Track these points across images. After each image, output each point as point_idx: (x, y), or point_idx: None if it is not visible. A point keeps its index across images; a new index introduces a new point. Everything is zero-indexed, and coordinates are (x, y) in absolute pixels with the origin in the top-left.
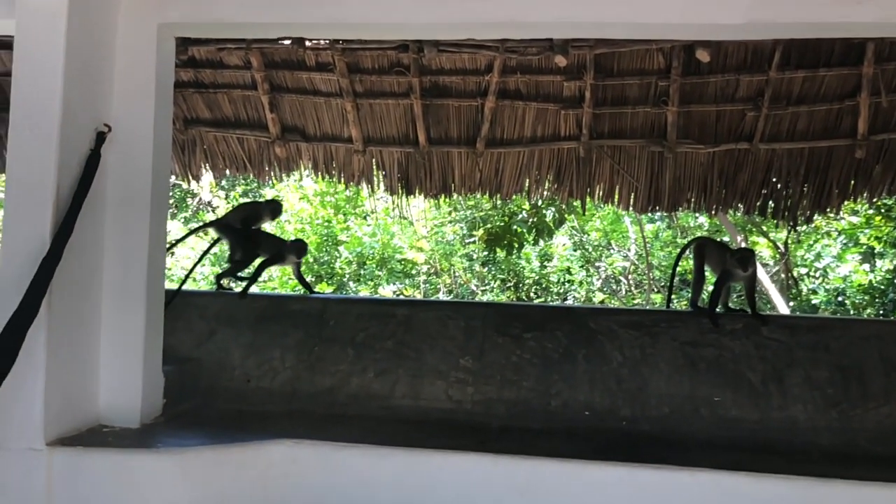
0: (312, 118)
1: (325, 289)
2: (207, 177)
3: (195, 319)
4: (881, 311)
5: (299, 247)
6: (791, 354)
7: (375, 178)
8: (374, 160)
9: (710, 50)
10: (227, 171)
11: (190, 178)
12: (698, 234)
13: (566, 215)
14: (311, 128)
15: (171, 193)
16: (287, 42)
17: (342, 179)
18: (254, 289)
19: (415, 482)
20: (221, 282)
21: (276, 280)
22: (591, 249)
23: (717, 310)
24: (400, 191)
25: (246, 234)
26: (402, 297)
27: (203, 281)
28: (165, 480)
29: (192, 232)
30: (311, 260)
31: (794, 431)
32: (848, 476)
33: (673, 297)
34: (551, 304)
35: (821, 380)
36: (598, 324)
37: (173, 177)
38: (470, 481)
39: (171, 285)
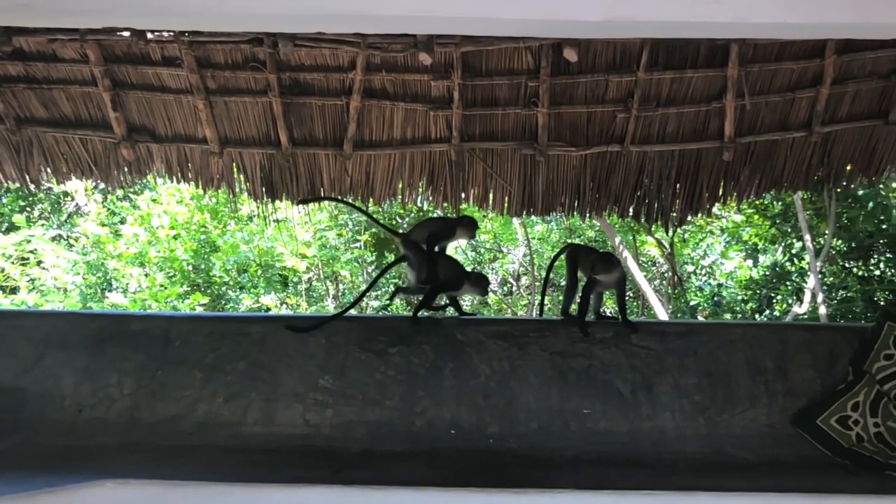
0: (162, 117)
1: (199, 299)
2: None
3: (20, 343)
4: (759, 306)
5: (483, 284)
6: (660, 362)
7: (237, 182)
8: (233, 163)
9: (577, 49)
10: (72, 176)
11: (28, 182)
12: (589, 234)
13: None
14: (161, 128)
15: (43, 197)
16: (126, 34)
17: (199, 184)
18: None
19: None
20: (419, 315)
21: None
22: (482, 251)
23: (589, 318)
24: (264, 195)
25: (430, 254)
26: (258, 313)
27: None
28: None
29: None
30: (188, 269)
31: (663, 442)
32: (710, 486)
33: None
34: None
35: (689, 386)
36: (466, 335)
37: (11, 182)
38: None
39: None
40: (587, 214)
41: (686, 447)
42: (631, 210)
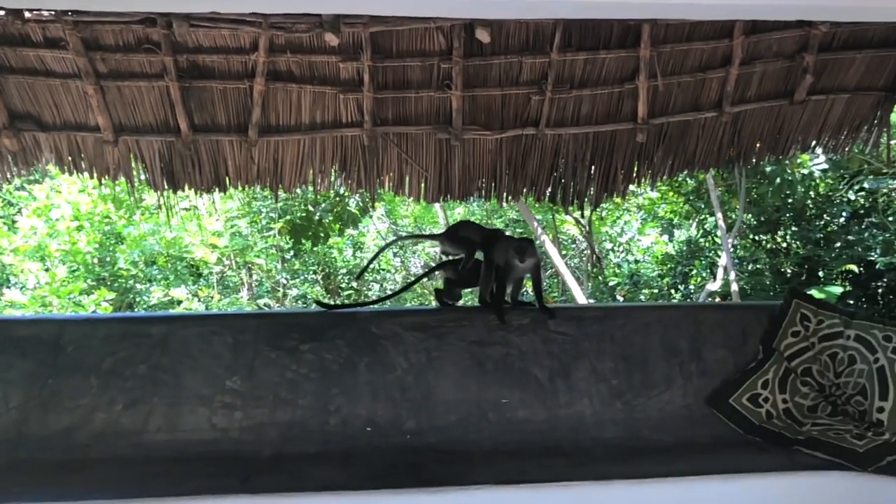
0: (48, 104)
1: (104, 295)
2: None
3: None
4: (674, 281)
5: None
6: (577, 347)
7: (135, 172)
8: (130, 152)
9: (489, 30)
10: None
11: None
12: (511, 215)
13: (373, 203)
14: (48, 115)
15: None
16: (1, 13)
17: (94, 174)
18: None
19: None
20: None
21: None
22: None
23: (507, 304)
24: (164, 185)
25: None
26: (159, 312)
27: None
28: None
29: (416, 236)
30: (93, 262)
31: (581, 428)
32: (628, 472)
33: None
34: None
35: (606, 371)
36: (382, 328)
37: None
38: None
39: None
40: (504, 198)
41: (604, 433)
42: (547, 193)
